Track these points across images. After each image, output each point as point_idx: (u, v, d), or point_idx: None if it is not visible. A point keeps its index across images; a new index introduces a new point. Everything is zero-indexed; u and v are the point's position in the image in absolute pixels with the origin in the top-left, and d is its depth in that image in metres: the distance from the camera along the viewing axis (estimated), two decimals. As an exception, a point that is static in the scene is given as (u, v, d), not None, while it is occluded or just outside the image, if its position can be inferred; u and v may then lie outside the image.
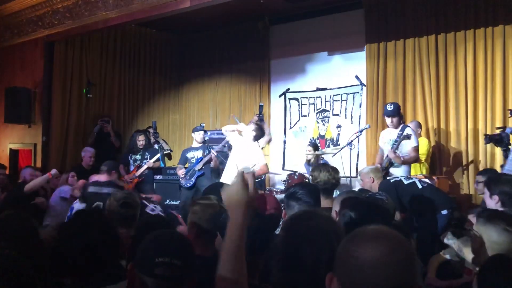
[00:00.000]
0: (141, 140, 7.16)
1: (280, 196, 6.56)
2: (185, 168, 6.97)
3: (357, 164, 7.10)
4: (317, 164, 4.02)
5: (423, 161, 6.30)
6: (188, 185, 6.78)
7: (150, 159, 7.06)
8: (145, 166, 6.94)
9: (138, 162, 7.09)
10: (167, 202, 7.23)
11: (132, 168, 7.06)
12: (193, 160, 6.87)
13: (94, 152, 7.10)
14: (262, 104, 7.51)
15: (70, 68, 8.09)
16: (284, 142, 8.48)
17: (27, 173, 5.90)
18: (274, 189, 7.14)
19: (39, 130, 7.86)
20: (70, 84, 8.08)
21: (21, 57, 8.30)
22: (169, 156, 8.35)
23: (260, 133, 5.50)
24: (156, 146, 7.71)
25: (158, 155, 7.14)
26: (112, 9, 6.76)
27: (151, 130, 7.80)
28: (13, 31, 8.35)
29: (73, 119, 8.10)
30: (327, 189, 3.30)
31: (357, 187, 6.92)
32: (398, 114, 5.38)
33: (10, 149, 8.37)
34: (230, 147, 7.32)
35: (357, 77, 7.31)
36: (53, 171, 5.71)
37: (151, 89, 9.57)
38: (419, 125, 6.40)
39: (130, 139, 7.49)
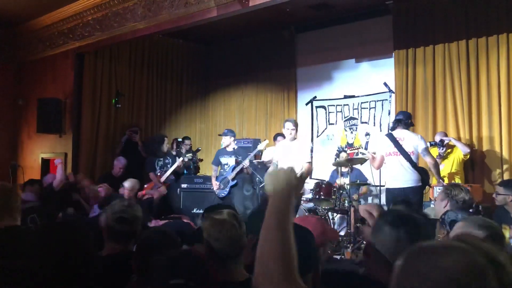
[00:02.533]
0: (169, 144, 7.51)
1: (308, 205, 6.51)
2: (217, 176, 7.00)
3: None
4: (455, 183, 4.04)
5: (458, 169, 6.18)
6: (223, 195, 6.81)
7: (172, 166, 7.10)
8: (170, 170, 7.00)
9: (162, 168, 7.16)
10: (195, 210, 7.25)
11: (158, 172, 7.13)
12: (226, 168, 6.88)
13: (125, 164, 7.19)
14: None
15: (100, 79, 8.23)
16: (311, 150, 8.39)
17: (50, 178, 6.31)
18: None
19: (70, 139, 8.02)
20: (99, 94, 8.22)
21: (52, 69, 8.51)
22: (195, 169, 8.36)
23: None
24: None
25: (181, 159, 7.17)
26: (140, 20, 6.87)
27: (187, 142, 8.04)
28: (45, 44, 8.58)
29: (103, 129, 8.22)
30: (463, 210, 3.17)
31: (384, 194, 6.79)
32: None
33: (42, 158, 8.56)
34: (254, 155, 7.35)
35: (385, 84, 7.19)
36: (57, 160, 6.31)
37: (178, 99, 9.66)
38: (444, 136, 6.28)
39: (154, 143, 7.57)
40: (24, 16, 8.21)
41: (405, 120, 5.49)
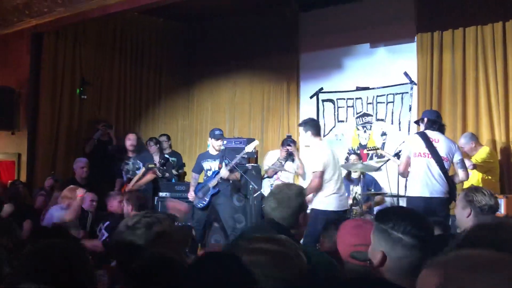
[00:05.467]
0: (131, 139, 7.15)
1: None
2: (199, 183, 6.99)
3: (406, 180, 6.99)
4: (476, 186, 4.08)
5: (484, 174, 6.20)
6: (201, 205, 6.78)
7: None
8: (133, 180, 6.88)
9: (130, 173, 7.05)
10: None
11: (126, 180, 7.05)
12: (209, 173, 6.87)
13: (86, 161, 7.20)
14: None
15: (62, 64, 8.22)
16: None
17: None
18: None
19: (24, 137, 8.00)
20: (61, 83, 8.21)
21: (4, 52, 8.48)
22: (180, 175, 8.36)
23: None
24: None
25: (150, 166, 7.04)
26: (111, -6, 6.88)
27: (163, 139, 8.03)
28: (-4, 21, 8.56)
29: (64, 125, 8.22)
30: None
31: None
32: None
33: (-10, 160, 8.54)
34: (247, 159, 7.31)
35: (406, 74, 7.27)
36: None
37: (156, 89, 9.66)
38: (472, 137, 6.31)
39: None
40: (-31, -12, 8.20)
41: (440, 122, 5.56)
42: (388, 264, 1.89)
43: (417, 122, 5.84)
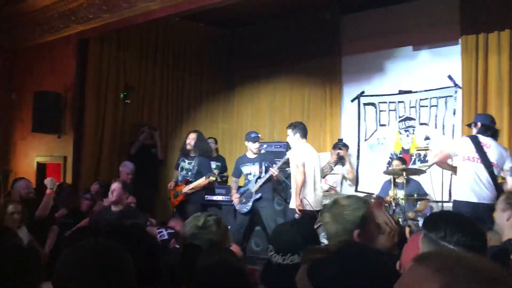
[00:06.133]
0: (190, 138, 6.96)
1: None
2: (239, 187, 7.03)
3: (450, 185, 6.91)
4: None
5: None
6: (245, 210, 6.81)
7: (197, 172, 6.94)
8: (191, 185, 6.92)
9: (185, 173, 7.06)
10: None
11: (180, 178, 7.06)
12: (250, 177, 6.88)
13: (133, 169, 7.33)
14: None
15: (106, 69, 8.43)
16: (358, 157, 8.39)
17: (21, 187, 5.73)
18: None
19: (70, 141, 8.24)
20: (105, 88, 8.40)
21: (51, 57, 8.75)
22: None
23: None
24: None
25: (212, 178, 6.85)
26: (155, 0, 7.01)
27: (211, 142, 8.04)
28: (43, 28, 8.79)
29: (109, 128, 8.41)
30: None
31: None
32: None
33: (37, 162, 8.80)
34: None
35: (450, 77, 7.18)
36: (48, 182, 5.64)
37: (197, 94, 9.82)
38: None
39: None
40: (18, -5, 8.47)
41: (494, 127, 5.49)
42: None
43: (469, 125, 5.76)
